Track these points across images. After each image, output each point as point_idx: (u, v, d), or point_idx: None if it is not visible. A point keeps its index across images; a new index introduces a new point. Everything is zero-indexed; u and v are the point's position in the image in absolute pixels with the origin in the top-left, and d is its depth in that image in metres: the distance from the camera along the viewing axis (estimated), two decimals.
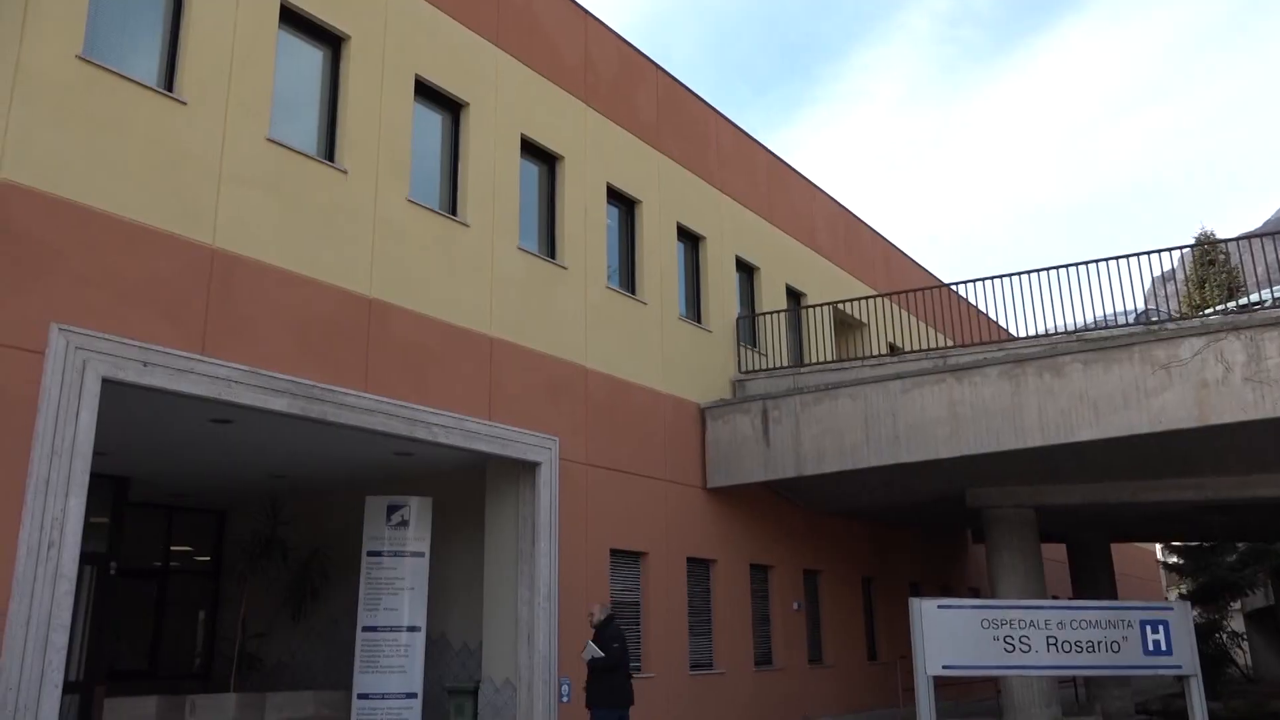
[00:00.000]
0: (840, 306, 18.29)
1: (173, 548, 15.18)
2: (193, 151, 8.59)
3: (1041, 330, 13.60)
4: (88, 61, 7.94)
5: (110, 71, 8.09)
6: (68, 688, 7.94)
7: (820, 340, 17.63)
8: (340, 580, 13.33)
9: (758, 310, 16.73)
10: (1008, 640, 9.98)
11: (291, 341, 9.09)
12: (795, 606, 16.11)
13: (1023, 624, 10.03)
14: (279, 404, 8.86)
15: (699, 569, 14.25)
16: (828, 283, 18.88)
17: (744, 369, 15.78)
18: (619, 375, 13.13)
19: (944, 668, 9.90)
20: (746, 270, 16.79)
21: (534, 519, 11.41)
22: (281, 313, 9.05)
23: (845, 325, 19.57)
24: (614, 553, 12.63)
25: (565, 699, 11.26)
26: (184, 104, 8.59)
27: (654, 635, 12.97)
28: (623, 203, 14.12)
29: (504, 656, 11.29)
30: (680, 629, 13.44)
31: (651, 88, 14.94)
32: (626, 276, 13.98)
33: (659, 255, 14.37)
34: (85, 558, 8.00)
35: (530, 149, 12.51)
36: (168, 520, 14.95)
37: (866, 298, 17.57)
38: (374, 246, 10.05)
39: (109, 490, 11.40)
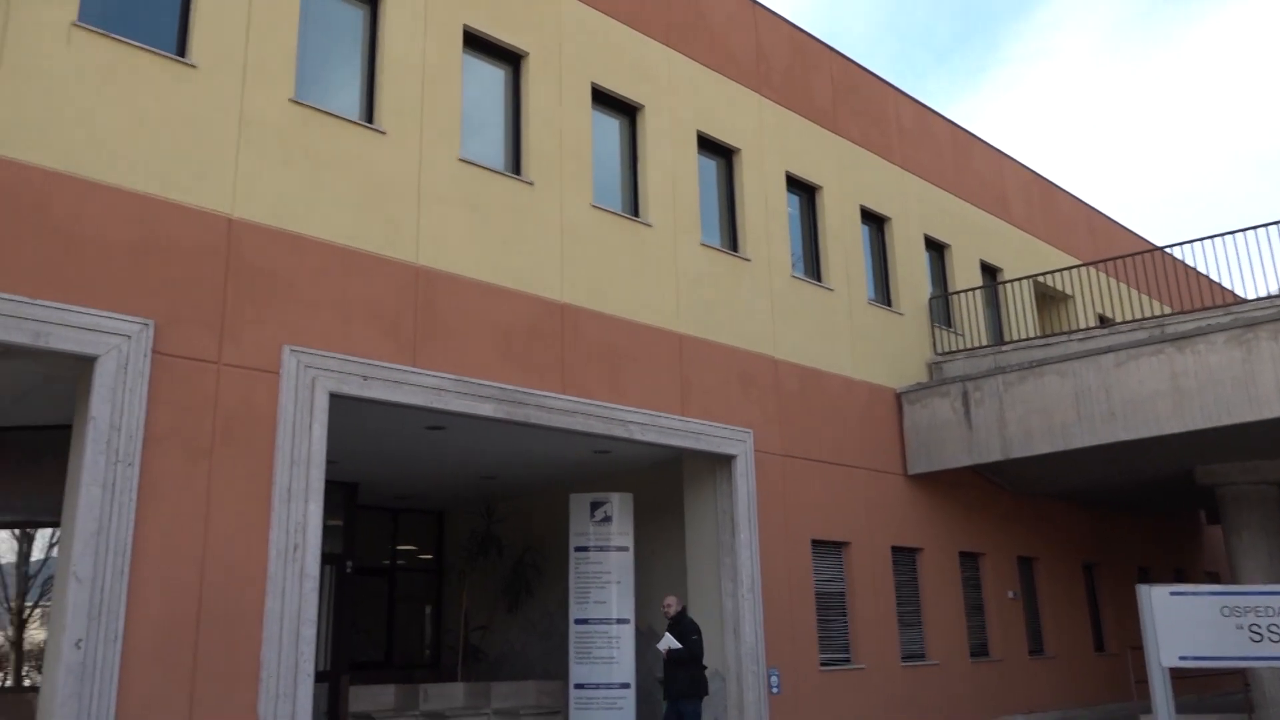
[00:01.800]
0: (1041, 279, 17.37)
1: (399, 547, 16.29)
2: (394, 177, 9.22)
3: (1275, 290, 12.44)
4: (299, 104, 8.68)
5: (319, 110, 8.81)
6: (317, 677, 8.71)
7: (1021, 316, 16.81)
8: (552, 574, 13.90)
9: (951, 289, 16.14)
10: (1254, 629, 9.19)
11: (493, 349, 9.58)
12: (1011, 595, 15.45)
13: (1271, 611, 9.21)
14: (486, 409, 9.36)
15: (905, 558, 13.93)
16: (1025, 255, 17.97)
17: (940, 350, 15.28)
18: (809, 364, 13.02)
19: (1180, 659, 9.24)
20: (936, 248, 16.24)
21: (732, 511, 11.51)
22: (482, 322, 9.56)
23: (1048, 298, 18.56)
24: (815, 543, 12.54)
25: (775, 690, 11.30)
26: (383, 134, 9.23)
27: (862, 626, 12.79)
28: (803, 190, 13.98)
29: (711, 647, 11.43)
30: (889, 619, 13.18)
31: (826, 71, 14.72)
32: (811, 264, 13.83)
33: (843, 240, 14.14)
34: (325, 558, 8.75)
35: (707, 144, 12.61)
36: (393, 522, 16.04)
37: (1070, 268, 16.63)
38: (563, 253, 10.43)
39: (340, 495, 12.37)
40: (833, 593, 12.74)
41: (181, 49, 8.16)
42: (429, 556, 16.50)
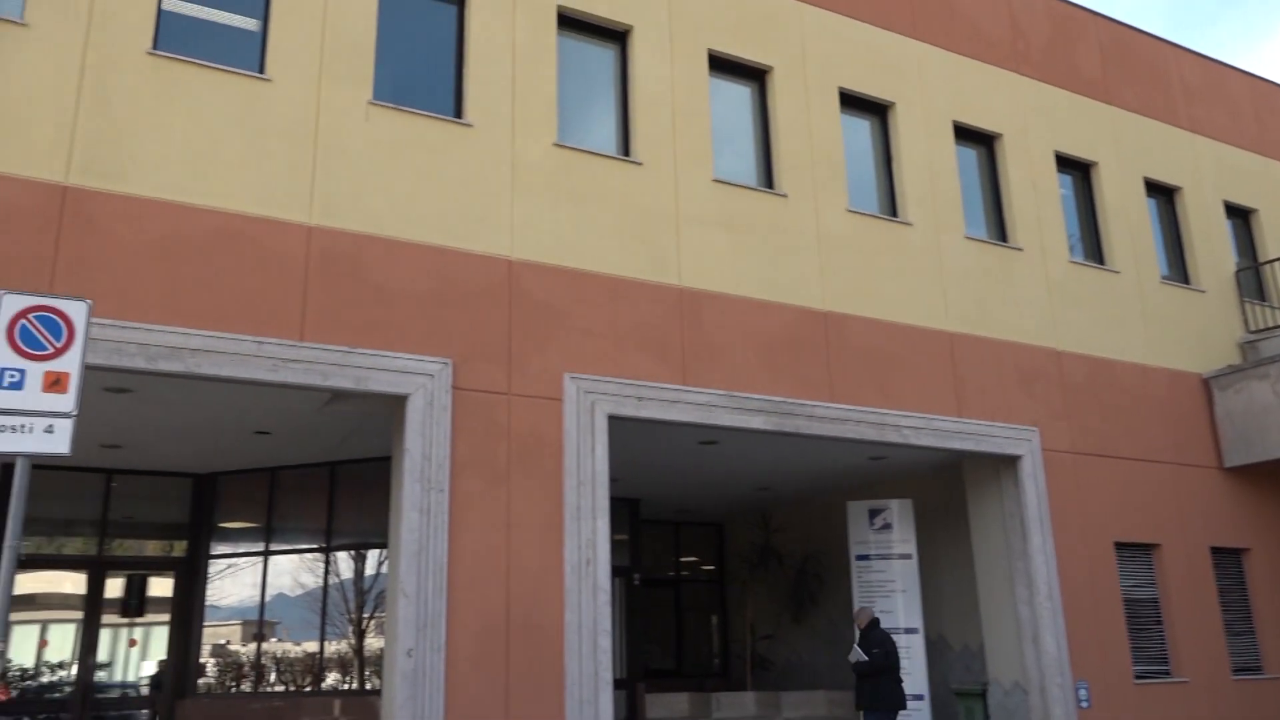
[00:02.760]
0: None
1: (682, 559, 16.80)
2: (653, 205, 9.62)
3: None
4: (562, 147, 9.28)
5: (580, 151, 9.38)
6: (615, 685, 9.20)
7: None
8: (834, 583, 13.81)
9: (1261, 258, 14.45)
10: None
11: (760, 362, 9.73)
12: None
13: None
14: (756, 422, 9.51)
15: (1228, 560, 12.58)
16: None
17: (1252, 328, 13.71)
18: (1097, 354, 12.12)
19: None
20: (1240, 215, 14.61)
21: (1021, 515, 10.92)
22: (747, 337, 9.73)
23: None
24: (1119, 545, 11.62)
25: (1085, 704, 10.58)
26: (640, 164, 9.67)
27: (1181, 635, 11.68)
28: (1075, 169, 13.07)
29: (1008, 658, 10.91)
30: (1213, 628, 11.95)
31: (1091, 39, 13.71)
32: (1091, 246, 12.89)
33: (1126, 217, 13.07)
34: (614, 571, 9.24)
35: (965, 134, 12.12)
36: (675, 534, 16.58)
37: None
38: (821, 261, 10.41)
39: (624, 511, 12.98)
40: (1144, 599, 11.74)
41: (458, 111, 9.00)
42: (711, 567, 16.89)
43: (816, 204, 10.58)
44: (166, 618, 11.78)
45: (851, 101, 11.37)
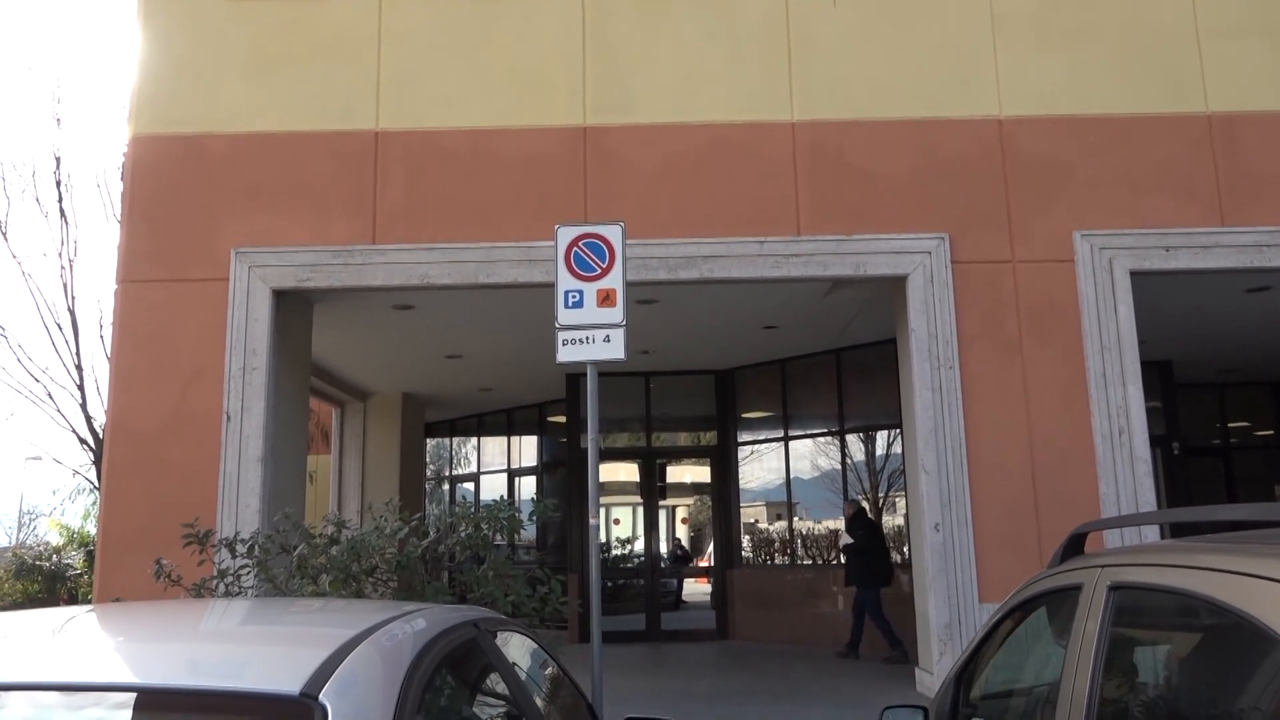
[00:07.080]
0: None
1: (1229, 424, 14.89)
2: (1165, 25, 8.37)
3: None
4: None
5: None
6: None
7: None
8: None
9: None
10: None
11: None
12: None
13: None
14: None
15: None
16: None
17: None
18: None
19: None
20: None
21: None
22: None
23: None
24: None
25: None
26: None
27: None
28: None
29: None
30: None
31: None
32: None
33: None
34: (1150, 441, 8.46)
35: None
36: (1218, 397, 14.73)
37: None
38: None
39: (1155, 375, 11.75)
40: None
41: None
42: (1269, 433, 14.76)
43: None
44: (689, 501, 13.25)
45: None
